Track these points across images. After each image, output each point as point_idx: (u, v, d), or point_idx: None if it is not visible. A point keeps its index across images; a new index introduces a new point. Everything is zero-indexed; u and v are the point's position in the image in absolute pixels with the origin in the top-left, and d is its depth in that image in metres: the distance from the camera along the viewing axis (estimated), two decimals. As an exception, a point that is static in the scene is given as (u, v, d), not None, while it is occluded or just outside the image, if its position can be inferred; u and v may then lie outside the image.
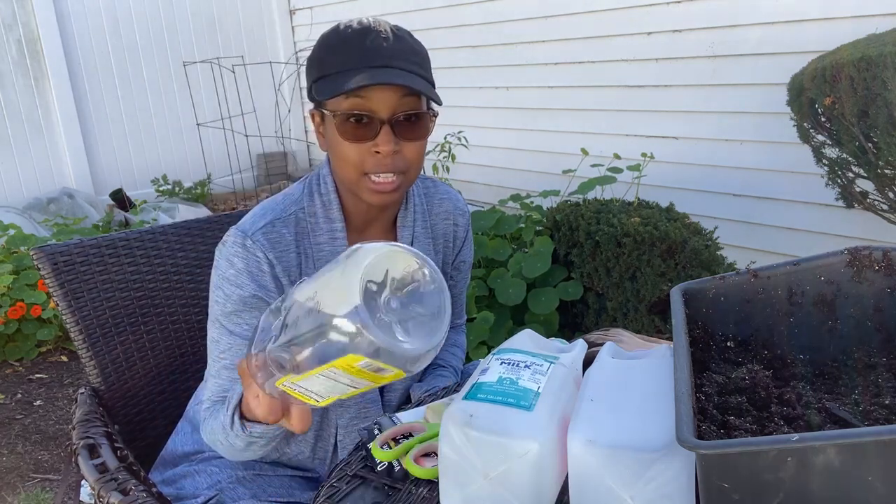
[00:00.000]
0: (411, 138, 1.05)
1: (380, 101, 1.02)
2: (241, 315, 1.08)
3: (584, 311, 2.75)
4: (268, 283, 1.08)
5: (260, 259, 1.07)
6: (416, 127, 1.06)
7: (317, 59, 1.07)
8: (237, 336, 1.09)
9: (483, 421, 0.80)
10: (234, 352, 1.10)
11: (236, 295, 1.08)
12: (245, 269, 1.07)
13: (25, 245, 3.55)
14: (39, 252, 1.27)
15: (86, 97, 5.15)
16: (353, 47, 1.02)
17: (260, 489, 1.19)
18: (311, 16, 5.67)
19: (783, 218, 3.06)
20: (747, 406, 0.76)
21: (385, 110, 1.02)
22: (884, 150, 2.05)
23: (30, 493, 2.33)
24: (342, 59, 1.02)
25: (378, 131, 1.03)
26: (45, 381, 3.12)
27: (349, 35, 1.04)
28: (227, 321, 1.09)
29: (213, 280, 1.11)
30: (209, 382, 1.14)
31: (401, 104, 1.03)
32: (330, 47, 1.05)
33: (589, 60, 3.68)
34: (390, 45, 1.02)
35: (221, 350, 1.11)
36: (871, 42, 2.21)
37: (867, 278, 0.88)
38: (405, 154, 1.06)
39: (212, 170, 5.63)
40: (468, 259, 1.36)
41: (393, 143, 1.03)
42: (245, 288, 1.07)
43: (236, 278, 1.08)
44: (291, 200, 1.14)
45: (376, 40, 1.02)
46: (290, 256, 1.10)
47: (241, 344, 1.09)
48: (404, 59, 1.03)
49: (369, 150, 1.04)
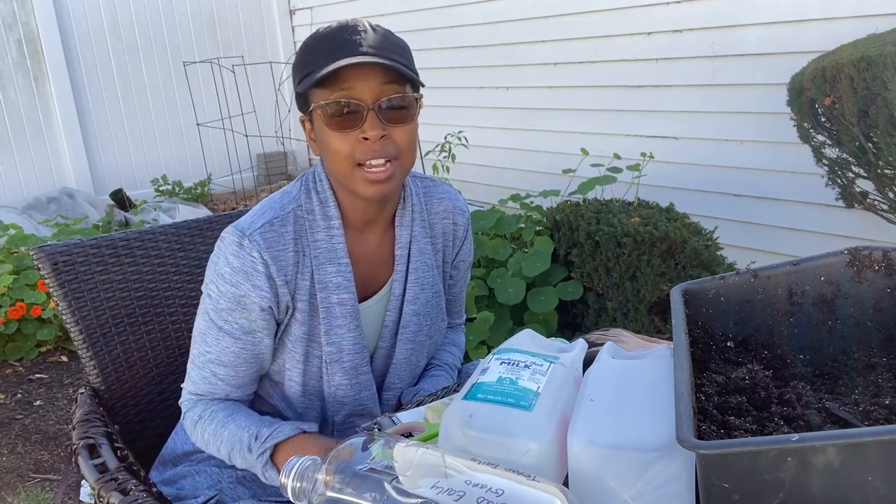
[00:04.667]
0: (398, 122, 1.07)
1: (363, 89, 1.04)
2: (231, 313, 1.10)
3: (584, 311, 2.75)
4: (261, 284, 1.09)
5: (255, 259, 1.08)
6: (401, 111, 1.07)
7: (299, 63, 1.09)
8: (225, 333, 1.11)
9: (483, 421, 0.80)
10: (220, 347, 1.12)
11: (230, 293, 1.10)
12: (241, 268, 1.09)
13: (25, 245, 3.55)
14: (39, 252, 1.27)
15: (86, 97, 5.15)
16: (331, 41, 1.05)
17: (260, 489, 1.19)
18: (311, 16, 5.67)
19: (783, 218, 3.06)
20: (747, 406, 0.76)
21: (369, 97, 1.04)
22: (884, 150, 2.05)
23: (30, 493, 2.33)
24: (321, 54, 1.04)
25: (364, 118, 1.04)
26: (45, 381, 3.12)
27: (327, 33, 1.06)
28: (217, 317, 1.11)
29: (208, 273, 1.13)
30: (192, 373, 1.16)
31: (384, 90, 1.05)
32: (309, 48, 1.08)
33: (589, 60, 3.68)
34: (368, 36, 1.05)
35: (208, 343, 1.13)
36: (871, 42, 2.21)
37: (867, 278, 0.88)
38: (394, 139, 1.07)
39: (212, 170, 5.63)
40: (468, 258, 1.36)
41: (380, 128, 1.05)
42: (239, 287, 1.09)
43: (231, 276, 1.09)
44: (290, 198, 1.15)
45: (353, 33, 1.04)
46: (287, 255, 1.11)
47: (227, 341, 1.11)
48: (382, 47, 1.05)
49: (358, 138, 1.05)
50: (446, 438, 0.84)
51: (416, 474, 0.73)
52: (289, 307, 1.13)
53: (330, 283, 1.13)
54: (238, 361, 1.12)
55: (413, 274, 1.22)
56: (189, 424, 1.16)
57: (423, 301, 1.24)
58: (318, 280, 1.13)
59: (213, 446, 1.13)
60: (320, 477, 0.75)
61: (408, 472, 0.73)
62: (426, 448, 0.77)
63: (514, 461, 0.76)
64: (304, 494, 0.76)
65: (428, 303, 1.25)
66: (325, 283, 1.13)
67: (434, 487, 0.71)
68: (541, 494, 0.70)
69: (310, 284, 1.13)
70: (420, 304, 1.23)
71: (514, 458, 0.77)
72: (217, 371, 1.13)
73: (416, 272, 1.22)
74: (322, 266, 1.13)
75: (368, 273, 1.20)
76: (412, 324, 1.23)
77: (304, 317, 1.13)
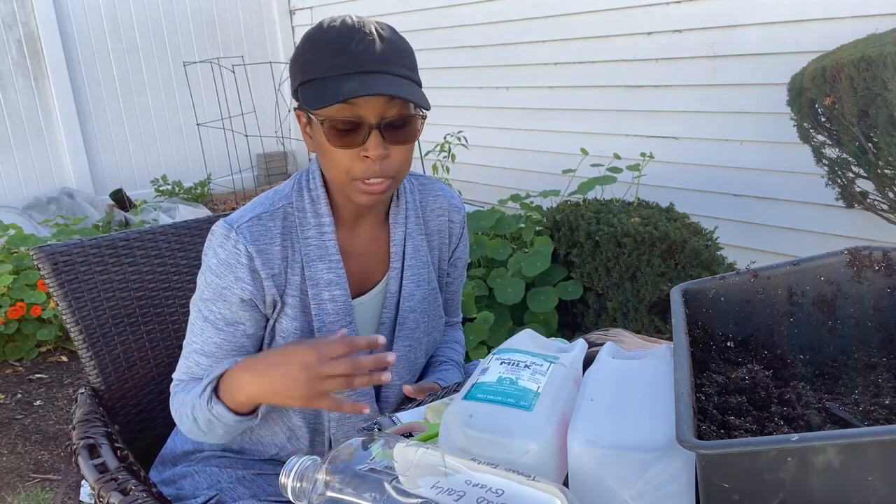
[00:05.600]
0: (400, 142, 1.06)
1: (368, 108, 1.02)
2: (215, 303, 1.12)
3: (584, 311, 2.75)
4: (244, 276, 1.10)
5: (240, 252, 1.09)
6: (404, 130, 1.06)
7: (301, 61, 1.06)
8: (209, 323, 1.12)
9: (483, 421, 0.80)
10: (204, 337, 1.13)
11: (214, 283, 1.11)
12: (225, 259, 1.10)
13: (25, 245, 3.55)
14: (39, 252, 1.27)
15: (86, 97, 5.15)
16: (340, 51, 1.02)
17: (260, 489, 1.19)
18: (311, 16, 5.67)
19: (783, 218, 3.06)
20: (747, 406, 0.76)
21: (373, 116, 1.03)
22: (884, 150, 2.05)
23: (30, 493, 2.33)
24: (329, 63, 1.02)
25: (367, 137, 1.03)
26: (45, 381, 3.12)
27: (334, 36, 1.03)
28: (203, 307, 1.13)
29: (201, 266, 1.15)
30: (180, 361, 1.17)
31: (389, 108, 1.03)
32: (314, 49, 1.04)
33: (589, 60, 3.68)
34: (378, 49, 1.02)
35: (195, 333, 1.14)
36: (871, 42, 2.21)
37: (867, 278, 0.88)
38: (394, 158, 1.06)
39: (212, 170, 5.63)
40: (464, 256, 1.37)
41: (382, 147, 1.04)
42: (223, 278, 1.10)
43: (217, 268, 1.11)
44: (281, 196, 1.16)
45: (362, 43, 1.01)
46: (274, 249, 1.12)
47: (210, 331, 1.12)
48: (392, 62, 1.03)
49: (358, 155, 1.05)
50: (446, 438, 0.84)
51: (416, 474, 0.73)
52: (276, 302, 1.13)
53: (321, 280, 1.14)
54: (220, 353, 1.13)
55: (408, 270, 1.23)
56: (172, 408, 1.17)
57: (420, 298, 1.24)
58: (308, 277, 1.13)
59: (187, 420, 1.12)
60: (320, 477, 0.75)
61: (408, 472, 0.73)
62: (426, 448, 0.77)
63: (514, 461, 0.76)
64: (304, 494, 0.76)
65: (424, 299, 1.25)
66: (316, 279, 1.14)
67: (434, 487, 0.71)
68: (541, 494, 0.70)
69: (300, 280, 1.13)
70: (416, 301, 1.24)
71: (514, 458, 0.77)
72: (200, 361, 1.14)
73: (411, 269, 1.23)
74: (313, 263, 1.14)
75: (363, 270, 1.21)
76: (409, 320, 1.23)
77: (295, 312, 1.14)
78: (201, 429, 1.11)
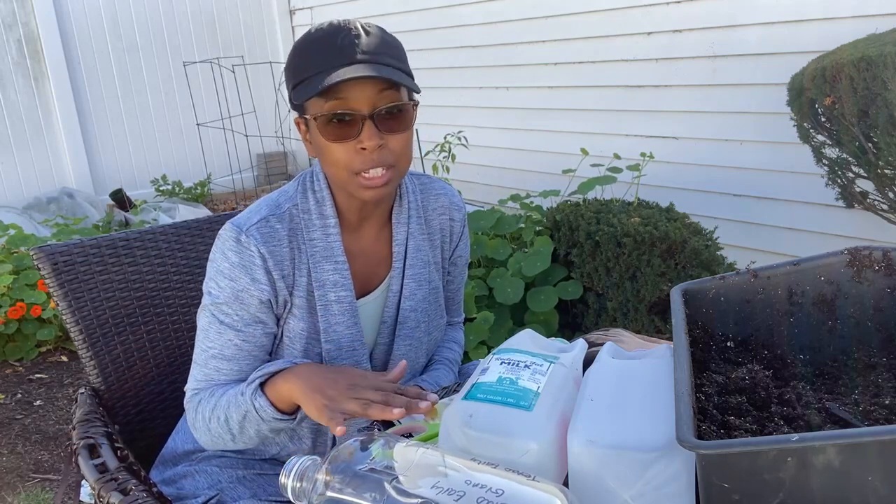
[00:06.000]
0: (395, 130, 1.07)
1: (359, 98, 1.03)
2: (231, 306, 1.11)
3: (584, 311, 2.75)
4: (260, 277, 1.10)
5: (253, 254, 1.10)
6: (398, 119, 1.07)
7: (292, 66, 1.08)
8: (227, 326, 1.12)
9: (482, 421, 0.80)
10: (222, 341, 1.12)
11: (229, 287, 1.10)
12: (239, 262, 1.10)
13: (25, 245, 3.55)
14: (39, 252, 1.27)
15: (86, 97, 5.15)
16: (325, 47, 1.04)
17: (260, 489, 1.19)
18: (311, 16, 5.67)
19: (783, 218, 3.06)
20: (747, 406, 0.76)
21: (365, 106, 1.04)
22: (884, 150, 2.05)
23: (30, 493, 2.33)
24: (315, 60, 1.03)
25: (361, 128, 1.04)
26: (45, 381, 3.12)
27: (320, 36, 1.05)
28: (218, 311, 1.12)
29: (208, 271, 1.14)
30: (194, 370, 1.16)
31: (380, 98, 1.04)
32: (302, 51, 1.06)
33: (589, 60, 3.68)
34: (362, 41, 1.04)
35: (210, 339, 1.13)
36: (871, 42, 2.21)
37: (867, 278, 0.88)
38: (391, 147, 1.07)
39: (212, 170, 5.63)
40: (465, 254, 1.37)
41: (377, 137, 1.04)
42: (238, 281, 1.10)
43: (230, 271, 1.10)
44: (286, 197, 1.16)
45: (347, 38, 1.03)
46: (282, 251, 1.12)
47: (230, 334, 1.11)
48: (377, 52, 1.04)
49: (355, 148, 1.05)
50: (446, 438, 0.84)
51: (416, 474, 0.73)
52: (286, 302, 1.14)
53: (327, 281, 1.14)
54: (241, 355, 1.13)
55: (410, 270, 1.23)
56: (190, 415, 1.15)
57: (421, 297, 1.24)
58: (315, 278, 1.14)
59: (214, 422, 1.10)
60: (320, 477, 0.75)
61: (408, 472, 0.73)
62: (426, 448, 0.77)
63: (514, 461, 0.76)
64: (304, 494, 0.76)
65: (425, 299, 1.25)
66: (322, 280, 1.14)
67: (434, 487, 0.71)
68: (541, 494, 0.70)
69: (307, 282, 1.14)
70: (417, 301, 1.24)
71: (514, 458, 0.77)
72: (220, 367, 1.13)
73: (413, 268, 1.23)
74: (319, 264, 1.14)
75: (366, 270, 1.21)
76: (410, 320, 1.24)
77: (301, 313, 1.14)
78: (231, 430, 1.09)
